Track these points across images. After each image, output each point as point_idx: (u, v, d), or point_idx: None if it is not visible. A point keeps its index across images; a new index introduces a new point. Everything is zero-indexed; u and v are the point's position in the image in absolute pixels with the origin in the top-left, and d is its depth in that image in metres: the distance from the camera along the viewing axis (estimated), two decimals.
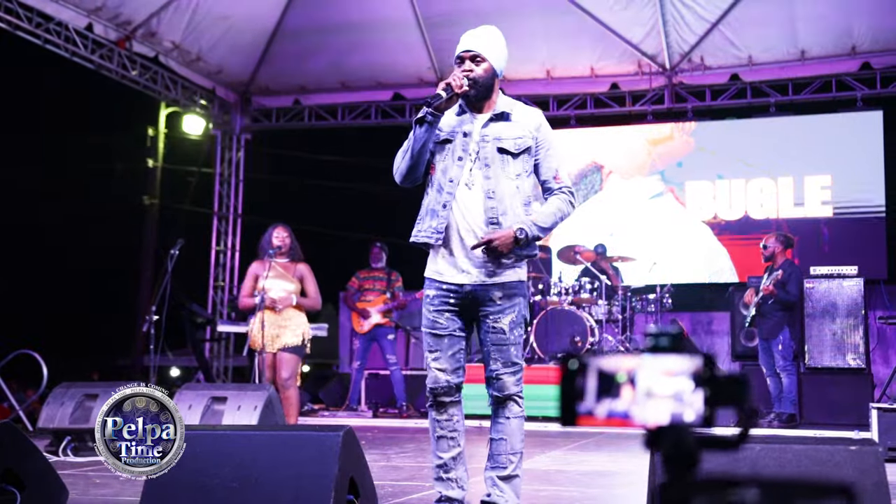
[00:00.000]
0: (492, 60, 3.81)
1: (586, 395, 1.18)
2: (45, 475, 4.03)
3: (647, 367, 1.16)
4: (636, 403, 1.16)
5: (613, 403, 1.17)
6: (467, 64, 3.80)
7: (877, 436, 6.63)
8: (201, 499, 3.57)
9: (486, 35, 3.86)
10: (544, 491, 5.00)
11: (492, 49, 3.83)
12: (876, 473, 3.38)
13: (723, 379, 1.15)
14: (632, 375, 1.16)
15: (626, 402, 1.16)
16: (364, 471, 3.97)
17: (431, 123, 3.76)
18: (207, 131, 13.85)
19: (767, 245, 9.33)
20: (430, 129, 3.77)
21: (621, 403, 1.17)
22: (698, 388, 1.14)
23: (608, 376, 1.17)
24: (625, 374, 1.17)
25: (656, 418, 1.15)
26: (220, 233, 14.02)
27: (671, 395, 1.15)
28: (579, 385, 1.18)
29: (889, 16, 11.15)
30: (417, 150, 3.79)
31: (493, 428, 3.84)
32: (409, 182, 3.91)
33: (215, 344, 13.68)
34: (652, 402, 1.15)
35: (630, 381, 1.17)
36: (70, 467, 5.88)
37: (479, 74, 3.78)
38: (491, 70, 3.81)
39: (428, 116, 3.74)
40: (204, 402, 6.42)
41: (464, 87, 3.74)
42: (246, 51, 12.88)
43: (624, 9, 11.55)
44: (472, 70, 3.78)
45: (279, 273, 7.31)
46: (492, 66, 3.81)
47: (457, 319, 3.83)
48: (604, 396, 1.17)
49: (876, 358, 10.79)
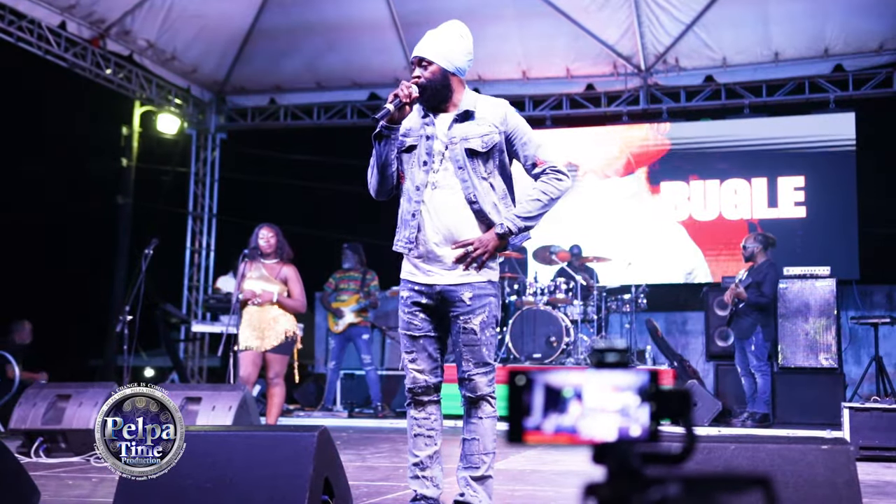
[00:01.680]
0: (439, 61, 3.78)
1: (532, 410, 1.18)
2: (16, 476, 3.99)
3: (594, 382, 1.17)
4: (583, 419, 1.17)
5: (561, 419, 1.17)
6: (417, 70, 3.80)
7: (848, 435, 6.69)
8: (174, 499, 3.55)
9: (435, 36, 3.84)
10: (520, 491, 5.01)
11: (439, 49, 3.79)
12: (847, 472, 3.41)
13: (667, 394, 1.16)
14: (578, 391, 1.17)
15: (574, 418, 1.17)
16: (339, 471, 3.96)
17: (388, 137, 3.77)
18: (182, 130, 13.78)
19: (747, 246, 9.38)
20: (388, 142, 3.78)
21: (569, 419, 1.17)
22: (643, 403, 1.15)
23: (555, 392, 1.18)
24: (571, 389, 1.17)
25: (602, 434, 1.16)
26: (195, 232, 13.96)
27: (617, 411, 1.16)
28: (526, 401, 1.18)
29: (861, 18, 11.25)
30: (382, 165, 3.81)
31: (465, 428, 3.84)
32: (385, 195, 3.92)
33: (190, 344, 13.62)
34: (599, 418, 1.16)
35: (577, 396, 1.17)
36: (42, 468, 5.84)
37: (427, 78, 3.77)
38: (440, 71, 3.78)
39: (384, 131, 3.75)
40: (178, 403, 6.37)
41: (412, 94, 3.72)
42: (221, 50, 12.82)
43: (599, 10, 11.59)
44: (421, 76, 3.77)
45: (262, 275, 7.28)
46: (440, 67, 3.78)
47: (430, 320, 3.83)
48: (551, 412, 1.17)
49: (848, 358, 10.89)
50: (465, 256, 3.70)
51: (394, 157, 3.81)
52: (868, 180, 11.91)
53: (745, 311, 9.20)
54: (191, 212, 13.91)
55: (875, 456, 6.60)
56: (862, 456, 6.44)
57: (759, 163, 12.21)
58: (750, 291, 9.13)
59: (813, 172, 12.00)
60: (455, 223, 3.75)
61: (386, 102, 3.73)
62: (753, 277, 9.15)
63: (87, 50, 11.60)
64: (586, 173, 12.80)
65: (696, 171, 12.44)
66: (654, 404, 1.15)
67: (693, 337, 11.93)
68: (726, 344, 10.13)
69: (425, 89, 3.77)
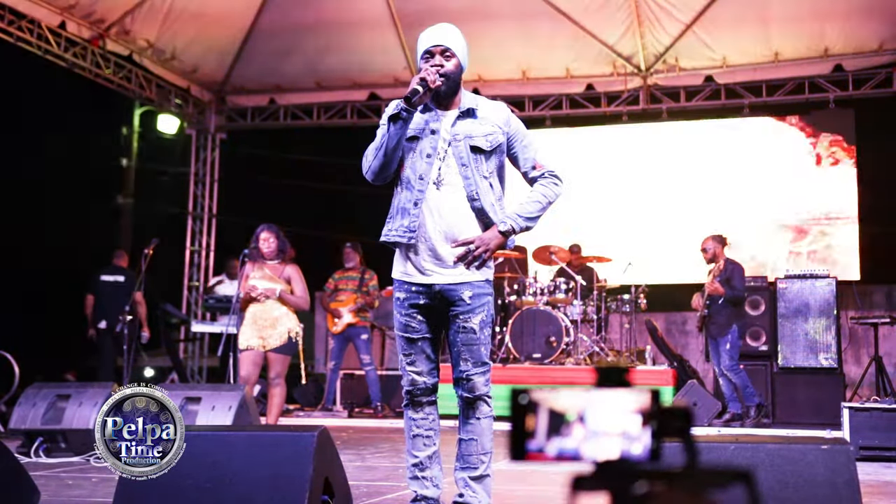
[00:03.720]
0: (459, 56, 3.78)
1: (536, 432, 1.19)
2: (16, 476, 3.99)
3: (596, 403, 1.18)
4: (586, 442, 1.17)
5: (563, 442, 1.18)
6: (437, 58, 3.74)
7: (848, 435, 6.68)
8: (174, 499, 3.55)
9: (453, 31, 3.83)
10: (519, 491, 5.01)
11: (459, 45, 3.80)
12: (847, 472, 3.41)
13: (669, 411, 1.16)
14: (581, 414, 1.18)
15: (577, 441, 1.18)
16: (339, 471, 3.96)
17: (406, 120, 3.71)
18: (182, 130, 13.78)
19: (706, 248, 9.29)
20: (404, 125, 3.71)
21: (571, 442, 1.18)
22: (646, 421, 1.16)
23: (558, 415, 1.19)
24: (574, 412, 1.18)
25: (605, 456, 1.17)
26: (195, 232, 13.95)
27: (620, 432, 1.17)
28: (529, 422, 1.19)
29: (861, 18, 11.25)
30: (392, 147, 3.72)
31: (462, 428, 3.82)
32: (381, 180, 3.83)
33: (189, 344, 13.62)
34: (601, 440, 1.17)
35: (580, 419, 1.18)
36: (42, 468, 5.83)
37: (449, 70, 3.73)
38: (459, 66, 3.78)
39: (403, 113, 3.68)
40: (178, 403, 6.37)
41: (437, 81, 3.69)
42: (221, 50, 12.81)
43: (599, 10, 11.57)
44: (443, 65, 3.73)
45: (265, 274, 7.27)
46: (460, 62, 3.78)
47: (427, 321, 3.82)
48: (554, 435, 1.18)
49: (848, 358, 10.89)
50: (466, 255, 3.69)
51: (404, 141, 3.77)
52: (868, 180, 11.91)
53: (718, 310, 9.10)
54: (191, 212, 13.91)
55: (875, 456, 6.60)
56: (862, 456, 6.44)
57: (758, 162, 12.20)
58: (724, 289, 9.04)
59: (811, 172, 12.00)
60: (455, 221, 3.73)
61: (413, 83, 3.65)
62: (721, 276, 9.09)
63: (86, 50, 11.59)
64: (587, 173, 12.78)
65: (696, 170, 12.42)
66: (655, 423, 1.16)
67: (693, 337, 11.93)
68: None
69: (447, 79, 3.73)
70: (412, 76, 3.79)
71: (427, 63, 3.75)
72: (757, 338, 10.02)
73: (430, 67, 3.71)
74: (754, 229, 12.05)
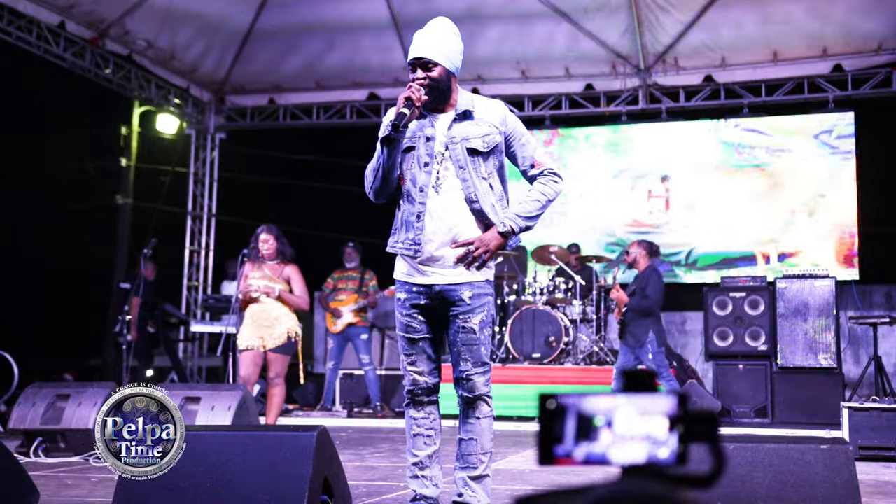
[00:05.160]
0: (443, 62, 3.75)
1: (564, 437, 1.19)
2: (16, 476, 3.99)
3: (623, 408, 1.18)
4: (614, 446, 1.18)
5: (591, 447, 1.19)
6: (419, 72, 3.74)
7: (847, 434, 6.69)
8: (174, 500, 3.55)
9: (434, 36, 3.80)
10: (519, 491, 5.01)
11: (442, 50, 3.77)
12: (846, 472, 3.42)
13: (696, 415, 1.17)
14: (609, 418, 1.18)
15: (605, 446, 1.18)
16: (338, 471, 3.96)
17: (397, 140, 3.72)
18: (181, 130, 13.77)
19: (630, 251, 9.10)
20: (396, 148, 3.73)
21: (599, 447, 1.18)
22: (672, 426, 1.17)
23: (586, 419, 1.19)
24: (602, 417, 1.18)
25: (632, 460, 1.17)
26: (194, 232, 13.95)
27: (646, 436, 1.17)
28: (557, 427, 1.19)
29: (860, 18, 11.24)
30: (388, 168, 3.74)
31: (462, 428, 3.83)
32: (384, 198, 3.87)
33: (189, 344, 13.61)
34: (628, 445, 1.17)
35: (607, 424, 1.18)
36: (41, 468, 5.84)
37: (433, 81, 3.73)
38: (444, 72, 3.76)
39: (392, 134, 3.69)
40: (178, 403, 6.37)
41: (422, 97, 3.68)
42: (220, 50, 12.81)
43: (598, 10, 11.57)
44: (426, 78, 3.72)
45: (265, 274, 7.28)
46: (444, 68, 3.75)
47: (428, 321, 3.83)
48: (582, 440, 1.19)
49: (847, 358, 10.89)
50: (467, 256, 3.69)
51: (399, 160, 3.78)
52: (867, 180, 11.90)
53: (632, 318, 8.75)
54: (190, 212, 13.90)
55: (874, 456, 6.61)
56: (861, 456, 6.44)
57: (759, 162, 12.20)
58: (634, 297, 8.75)
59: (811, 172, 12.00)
60: (455, 223, 3.73)
61: (399, 106, 3.65)
62: (638, 283, 8.85)
63: (86, 50, 11.58)
64: (587, 173, 12.78)
65: (695, 169, 12.42)
66: (682, 427, 1.16)
67: (692, 337, 11.93)
68: (726, 343, 10.12)
69: (432, 91, 3.73)
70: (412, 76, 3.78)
71: (412, 76, 3.75)
72: (756, 338, 10.02)
73: (415, 84, 3.70)
74: (754, 229, 12.04)
